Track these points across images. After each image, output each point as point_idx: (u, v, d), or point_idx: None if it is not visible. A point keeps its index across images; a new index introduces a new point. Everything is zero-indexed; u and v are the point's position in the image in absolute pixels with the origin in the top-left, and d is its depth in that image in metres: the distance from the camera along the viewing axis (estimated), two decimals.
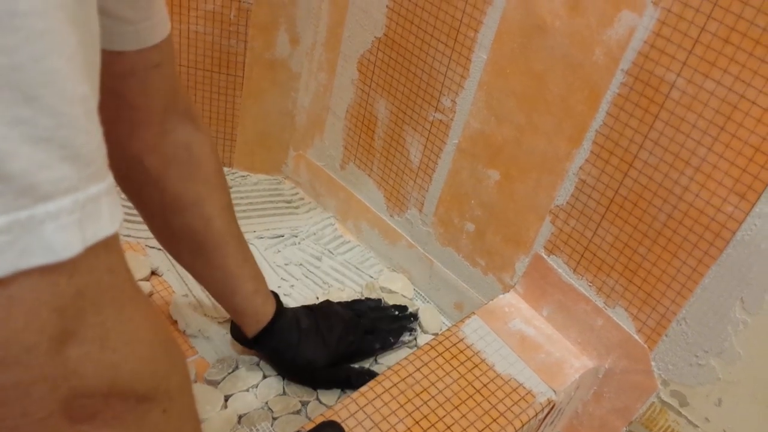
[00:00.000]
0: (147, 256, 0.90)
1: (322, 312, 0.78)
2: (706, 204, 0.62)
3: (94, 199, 0.26)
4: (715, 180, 0.61)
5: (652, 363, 0.71)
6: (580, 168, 0.70)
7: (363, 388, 0.67)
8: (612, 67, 0.65)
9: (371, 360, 0.83)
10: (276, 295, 0.75)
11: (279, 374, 0.79)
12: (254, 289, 0.71)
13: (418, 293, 0.96)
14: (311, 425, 0.61)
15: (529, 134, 0.74)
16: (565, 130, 0.71)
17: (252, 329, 0.73)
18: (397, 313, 0.87)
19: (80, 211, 0.25)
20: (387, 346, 0.83)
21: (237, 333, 0.76)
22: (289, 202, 1.08)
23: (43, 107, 0.24)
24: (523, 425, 0.67)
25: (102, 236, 0.27)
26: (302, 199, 1.09)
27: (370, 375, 0.76)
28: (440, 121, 0.83)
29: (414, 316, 0.88)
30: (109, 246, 0.28)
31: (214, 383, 0.76)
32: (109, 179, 0.27)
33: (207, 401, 0.74)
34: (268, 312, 0.72)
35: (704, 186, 0.61)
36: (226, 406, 0.74)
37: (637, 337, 0.71)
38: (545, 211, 0.76)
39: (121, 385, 0.29)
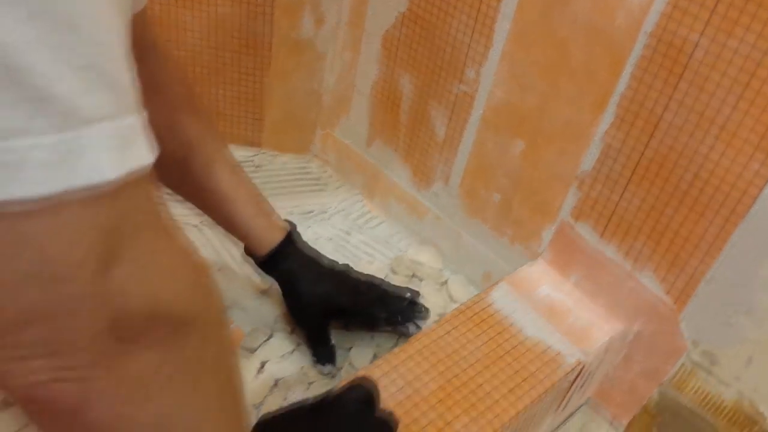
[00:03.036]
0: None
1: (342, 267, 0.81)
2: (732, 162, 0.62)
3: (131, 128, 0.28)
4: (740, 138, 0.61)
5: (681, 324, 0.71)
6: (605, 133, 0.71)
7: (395, 350, 0.69)
8: (635, 31, 0.65)
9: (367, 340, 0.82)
10: (292, 224, 0.76)
11: (286, 303, 0.79)
12: (255, 213, 0.71)
13: (447, 265, 0.97)
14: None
15: (554, 102, 0.75)
16: (589, 96, 0.71)
17: (260, 251, 0.73)
18: (409, 295, 0.84)
19: (120, 137, 0.27)
20: (393, 321, 0.80)
21: (249, 253, 0.77)
22: (317, 180, 1.10)
23: (83, 35, 0.25)
24: (553, 385, 0.69)
25: (140, 164, 0.29)
26: (330, 176, 1.11)
27: (331, 355, 0.77)
28: (465, 93, 0.84)
29: (426, 310, 0.83)
30: (147, 178, 0.30)
31: (250, 350, 0.79)
32: (144, 115, 0.29)
33: (244, 367, 0.76)
34: (275, 235, 0.73)
35: (730, 144, 0.62)
36: (263, 371, 0.77)
37: (665, 299, 0.72)
38: (571, 178, 0.76)
39: (161, 308, 0.31)
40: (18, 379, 0.28)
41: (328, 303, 0.76)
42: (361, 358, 0.80)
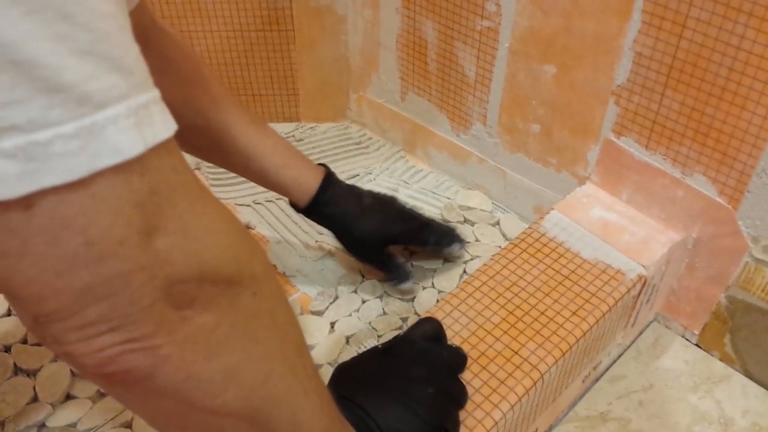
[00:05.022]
0: (239, 213, 0.96)
1: (384, 195, 0.82)
2: (765, 48, 0.60)
3: (144, 106, 0.29)
4: None
5: (739, 222, 0.70)
6: (634, 41, 0.70)
7: (454, 290, 0.70)
8: None
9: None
10: (326, 167, 0.77)
11: (341, 243, 0.81)
12: (284, 163, 0.73)
13: (497, 205, 0.98)
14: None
15: (577, 19, 0.74)
16: (612, 6, 0.70)
17: (302, 200, 0.75)
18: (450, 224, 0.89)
19: (135, 116, 0.28)
20: (440, 242, 0.83)
21: (293, 205, 0.78)
22: (358, 143, 1.11)
23: (78, 23, 0.26)
24: (616, 302, 0.69)
25: (159, 139, 0.30)
26: (370, 138, 1.12)
27: (404, 271, 0.82)
28: (488, 27, 0.84)
29: (461, 238, 0.87)
30: (170, 150, 0.31)
31: (319, 313, 0.82)
32: (156, 91, 0.30)
33: (315, 329, 0.79)
34: (309, 182, 0.74)
35: (760, 30, 0.60)
36: (333, 330, 0.80)
37: (719, 200, 0.71)
38: (607, 94, 0.75)
39: (208, 270, 0.33)
40: (88, 357, 0.30)
41: (382, 233, 0.78)
42: (425, 306, 0.81)
